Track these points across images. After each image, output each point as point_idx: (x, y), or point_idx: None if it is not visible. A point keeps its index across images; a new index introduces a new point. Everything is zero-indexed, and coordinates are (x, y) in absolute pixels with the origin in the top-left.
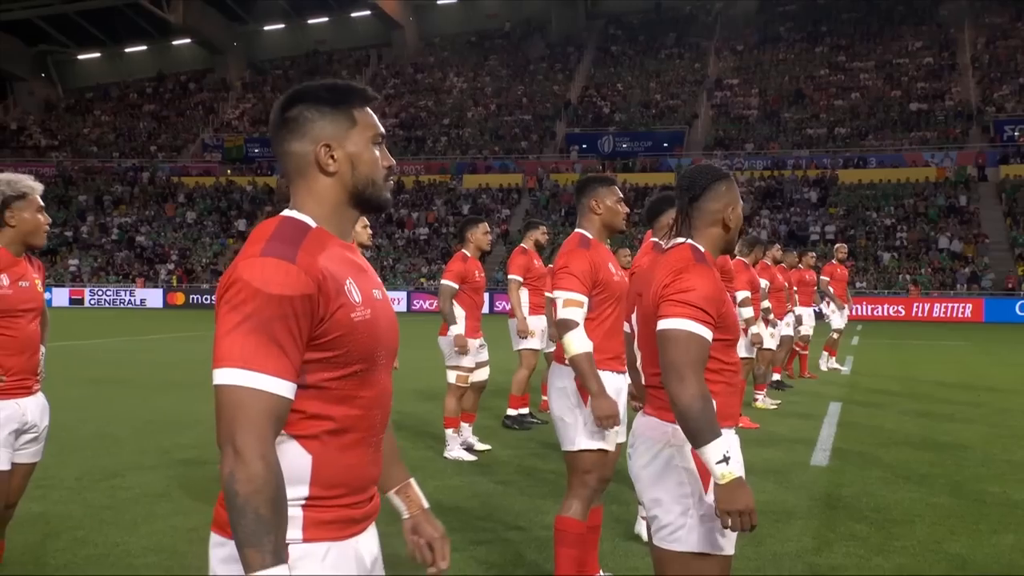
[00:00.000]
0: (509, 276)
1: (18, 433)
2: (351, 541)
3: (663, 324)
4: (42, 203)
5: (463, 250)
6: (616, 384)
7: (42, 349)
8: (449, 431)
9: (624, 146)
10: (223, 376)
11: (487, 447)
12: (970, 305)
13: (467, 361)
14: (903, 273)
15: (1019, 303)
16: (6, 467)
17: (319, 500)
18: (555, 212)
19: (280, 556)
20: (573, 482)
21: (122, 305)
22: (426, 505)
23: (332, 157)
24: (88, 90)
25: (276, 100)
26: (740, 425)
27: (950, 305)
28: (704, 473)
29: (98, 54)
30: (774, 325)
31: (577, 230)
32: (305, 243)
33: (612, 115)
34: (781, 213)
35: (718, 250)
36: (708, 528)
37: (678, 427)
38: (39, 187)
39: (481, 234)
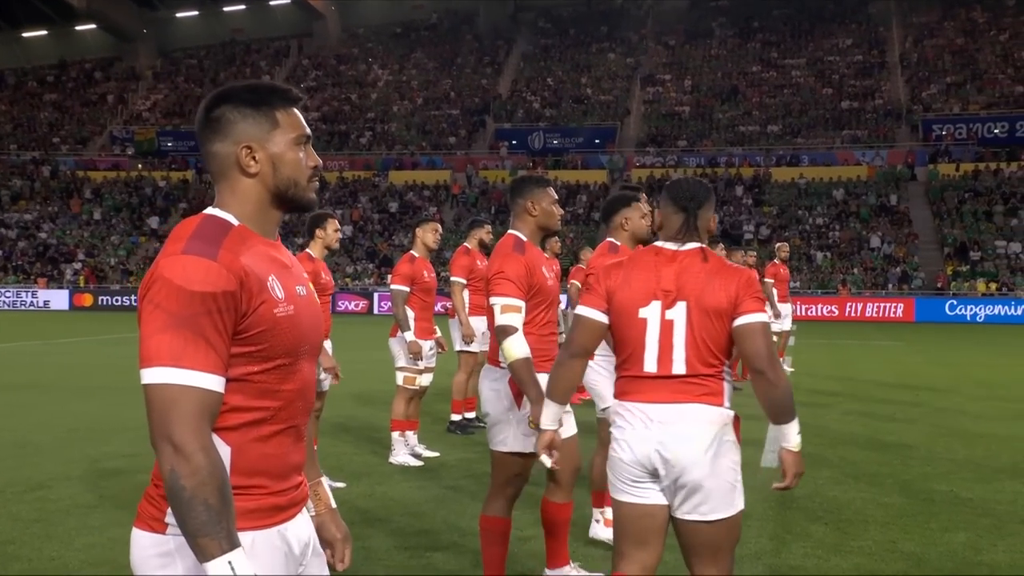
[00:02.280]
0: (452, 278)
1: None
2: (277, 528)
3: (756, 317)
4: None
5: (411, 251)
6: None
7: None
8: (395, 434)
9: (555, 142)
10: (153, 375)
11: (435, 453)
12: (902, 305)
13: (416, 364)
14: (836, 273)
15: (948, 303)
16: None
17: (239, 489)
18: (484, 210)
19: (234, 540)
20: (498, 481)
21: (23, 307)
22: (334, 505)
23: (253, 158)
24: None
25: (200, 97)
26: None
27: (882, 305)
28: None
29: None
30: None
31: (511, 232)
32: (226, 241)
33: (543, 110)
34: (715, 212)
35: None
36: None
37: (725, 409)
38: None
39: (431, 233)
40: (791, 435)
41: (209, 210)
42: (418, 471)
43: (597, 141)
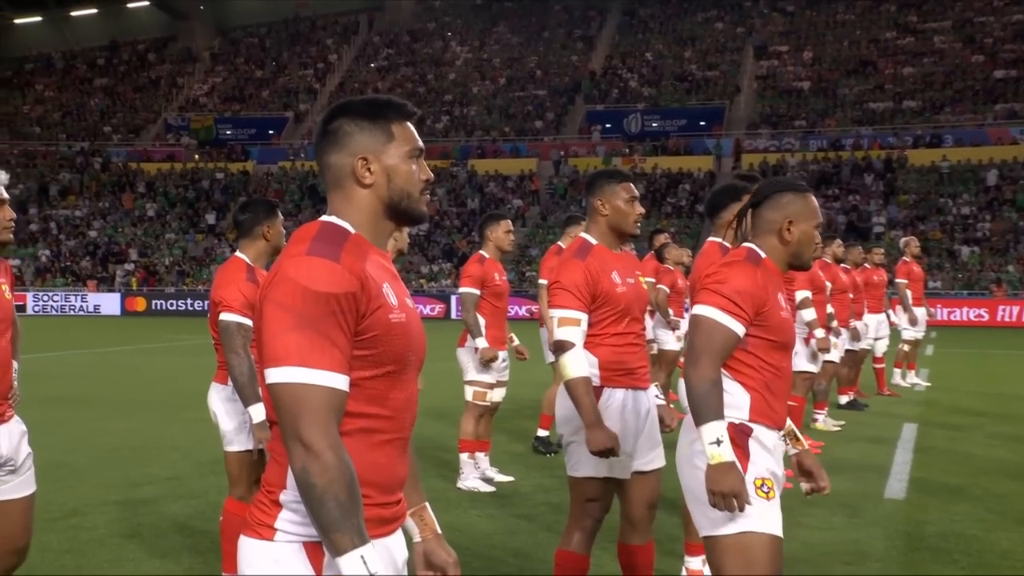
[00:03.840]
0: (540, 281)
1: None
2: (383, 540)
3: (694, 309)
4: (5, 195)
5: (481, 251)
6: (630, 401)
7: (14, 366)
8: (464, 456)
9: (654, 125)
10: (281, 375)
11: (509, 478)
12: None
13: (488, 376)
14: (986, 271)
15: None
16: None
17: None
18: (574, 203)
19: (364, 536)
20: (574, 510)
21: (72, 312)
22: (439, 530)
23: (369, 169)
24: (28, 60)
25: (261, 79)
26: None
27: None
28: (743, 459)
29: (39, 18)
30: (837, 334)
31: (581, 234)
32: (347, 245)
33: (640, 89)
34: (839, 202)
35: (782, 263)
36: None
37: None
38: (1, 176)
39: (502, 233)
40: (704, 443)
41: (326, 217)
42: (489, 498)
43: (702, 123)
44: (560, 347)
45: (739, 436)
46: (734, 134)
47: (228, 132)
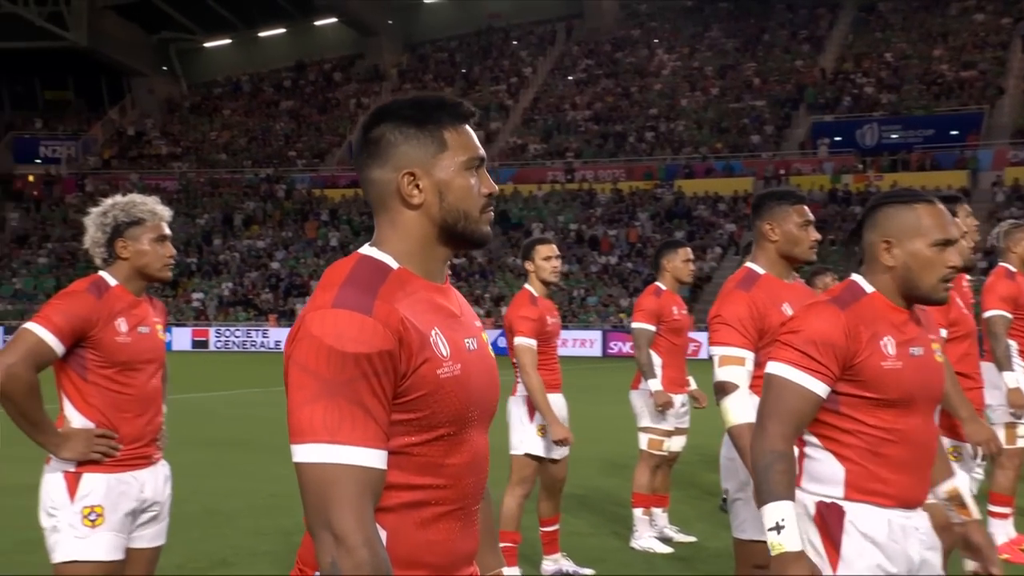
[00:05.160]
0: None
1: (135, 513)
2: None
3: (766, 366)
4: (167, 231)
5: (657, 282)
6: None
7: (163, 409)
8: (638, 512)
9: (894, 136)
10: (307, 453)
11: (690, 538)
12: None
13: (665, 423)
14: None
15: None
16: (120, 556)
17: None
18: None
19: None
20: (741, 573)
21: (253, 348)
22: None
23: (417, 186)
24: (216, 85)
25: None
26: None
27: None
28: (830, 550)
29: (228, 40)
30: None
31: (746, 264)
32: (383, 289)
33: (877, 95)
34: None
35: (895, 295)
36: None
37: (801, 492)
38: (164, 212)
39: (680, 262)
40: (764, 528)
41: (365, 249)
42: (666, 560)
43: (954, 132)
44: (722, 389)
45: (829, 519)
46: (995, 144)
47: None
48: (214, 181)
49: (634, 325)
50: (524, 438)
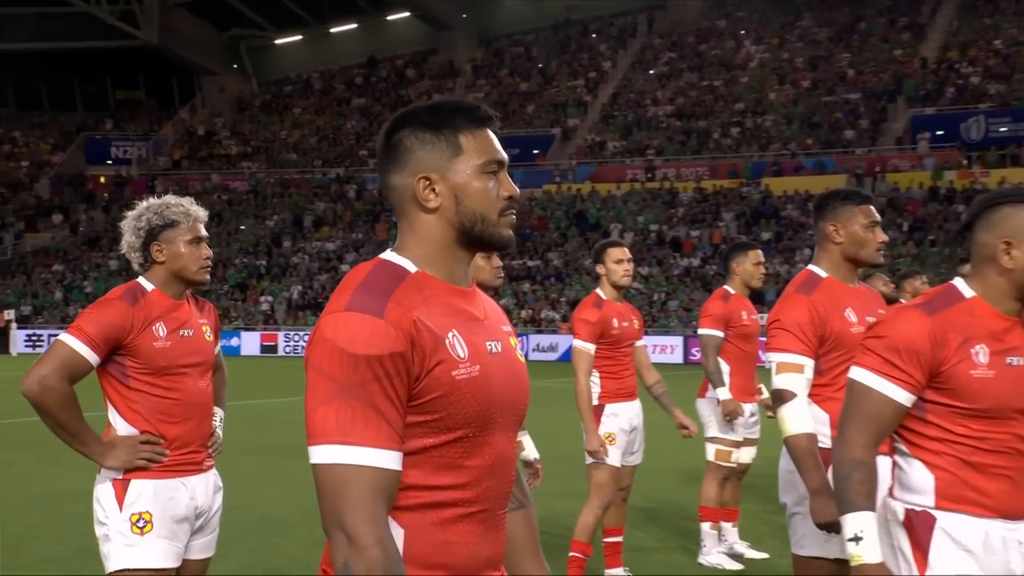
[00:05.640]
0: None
1: (189, 521)
2: None
3: (849, 372)
4: (203, 232)
5: (725, 286)
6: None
7: (219, 413)
8: (705, 526)
9: (1002, 130)
10: (321, 454)
11: (762, 555)
12: None
13: (733, 433)
14: None
15: None
16: (173, 563)
17: None
18: (892, 227)
19: None
20: None
21: None
22: None
23: (433, 191)
24: (286, 83)
25: (525, 92)
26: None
27: None
28: (919, 560)
29: (299, 37)
30: None
31: (808, 266)
32: (398, 292)
33: (984, 85)
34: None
35: (1004, 299)
36: None
37: (888, 499)
38: (199, 213)
39: (751, 265)
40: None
41: (385, 254)
42: None
43: None
44: (779, 397)
45: (919, 525)
46: None
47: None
48: (284, 181)
49: (701, 331)
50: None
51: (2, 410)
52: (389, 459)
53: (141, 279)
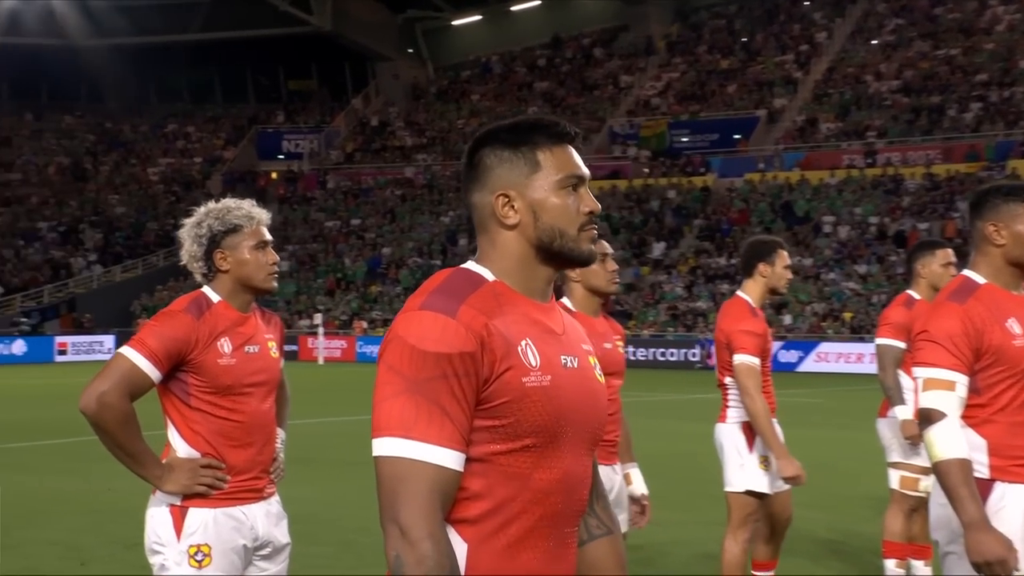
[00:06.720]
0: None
1: (245, 552)
2: None
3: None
4: (267, 236)
5: (909, 291)
6: None
7: (280, 435)
8: (890, 563)
9: None
10: (382, 446)
11: None
12: None
13: (919, 458)
14: None
15: None
16: None
17: None
18: None
19: None
20: None
21: None
22: None
23: (512, 207)
24: (464, 67)
25: (725, 72)
26: None
27: None
28: None
29: (478, 17)
30: None
31: (964, 272)
32: (473, 297)
33: None
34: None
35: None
36: None
37: None
38: (261, 215)
39: (939, 266)
40: None
41: (466, 264)
42: None
43: None
44: (926, 418)
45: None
46: None
47: (684, 139)
48: (458, 174)
49: (878, 341)
50: (743, 472)
51: None
52: (450, 458)
53: (206, 289)
